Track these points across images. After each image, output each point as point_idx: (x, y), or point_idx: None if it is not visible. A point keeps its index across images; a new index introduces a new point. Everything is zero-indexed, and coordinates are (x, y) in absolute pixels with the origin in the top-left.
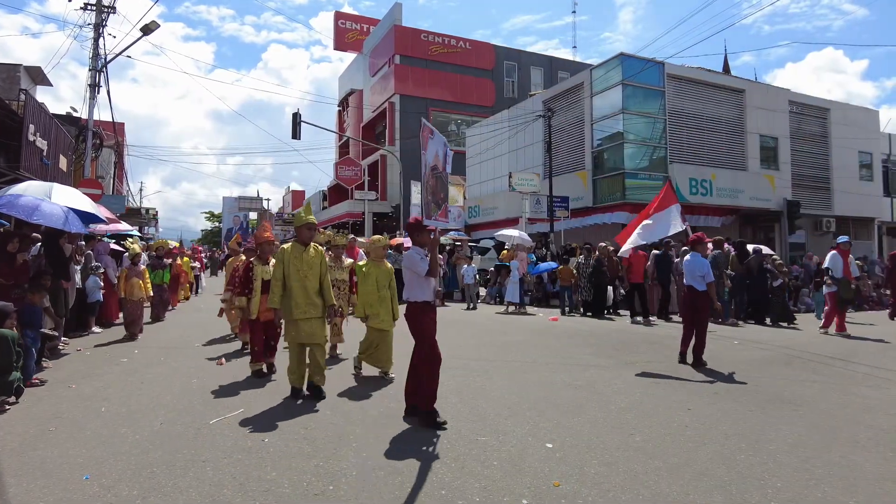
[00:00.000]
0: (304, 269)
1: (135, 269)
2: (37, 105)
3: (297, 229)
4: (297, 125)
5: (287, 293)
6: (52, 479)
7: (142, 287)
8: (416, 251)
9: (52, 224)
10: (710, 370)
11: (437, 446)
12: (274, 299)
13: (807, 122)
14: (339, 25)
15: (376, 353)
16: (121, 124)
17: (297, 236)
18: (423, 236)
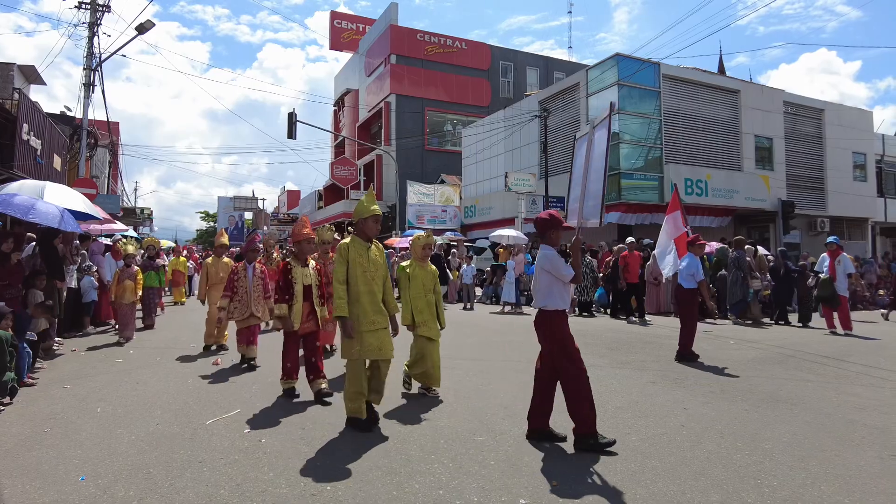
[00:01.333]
0: (370, 270)
1: (128, 271)
2: (31, 104)
3: (361, 222)
4: (293, 125)
5: (352, 300)
6: (47, 481)
7: (134, 290)
8: (554, 253)
9: (47, 223)
10: (706, 369)
11: (434, 446)
12: (341, 306)
13: (801, 123)
14: (334, 25)
15: (423, 367)
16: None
17: (359, 231)
18: (557, 235)
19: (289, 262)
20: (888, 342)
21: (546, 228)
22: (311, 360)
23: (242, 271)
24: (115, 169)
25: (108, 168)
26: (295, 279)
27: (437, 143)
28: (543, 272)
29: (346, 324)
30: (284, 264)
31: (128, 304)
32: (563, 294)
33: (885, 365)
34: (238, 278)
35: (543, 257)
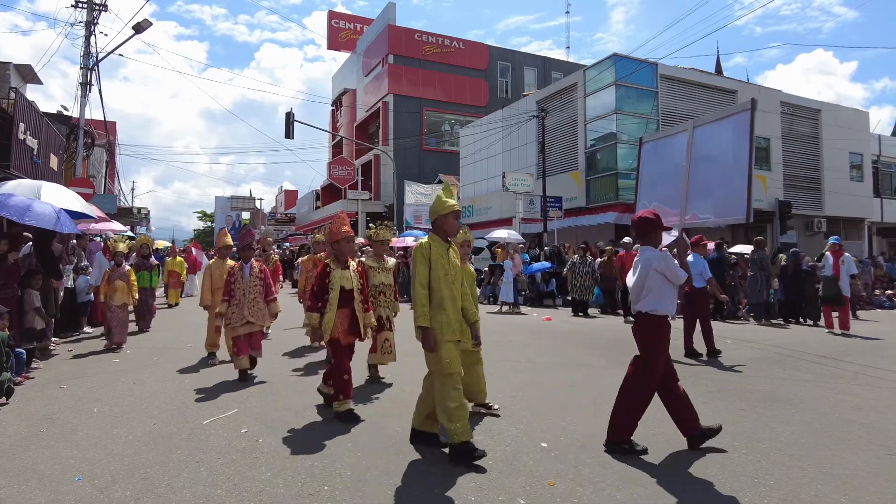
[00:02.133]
0: (451, 273)
1: (119, 271)
2: (27, 103)
3: (441, 219)
4: (291, 124)
5: (434, 306)
6: (43, 481)
7: (125, 291)
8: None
9: (44, 224)
10: (703, 369)
11: (431, 446)
12: (425, 314)
13: (798, 123)
14: (332, 25)
15: (467, 379)
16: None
17: (438, 229)
18: (659, 236)
19: (328, 263)
20: (886, 342)
21: (651, 229)
22: (342, 378)
23: (239, 272)
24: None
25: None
26: (332, 284)
27: (434, 143)
28: (656, 274)
29: (429, 335)
30: (323, 266)
31: (118, 307)
32: (673, 298)
33: (882, 365)
34: (234, 280)
35: (658, 258)
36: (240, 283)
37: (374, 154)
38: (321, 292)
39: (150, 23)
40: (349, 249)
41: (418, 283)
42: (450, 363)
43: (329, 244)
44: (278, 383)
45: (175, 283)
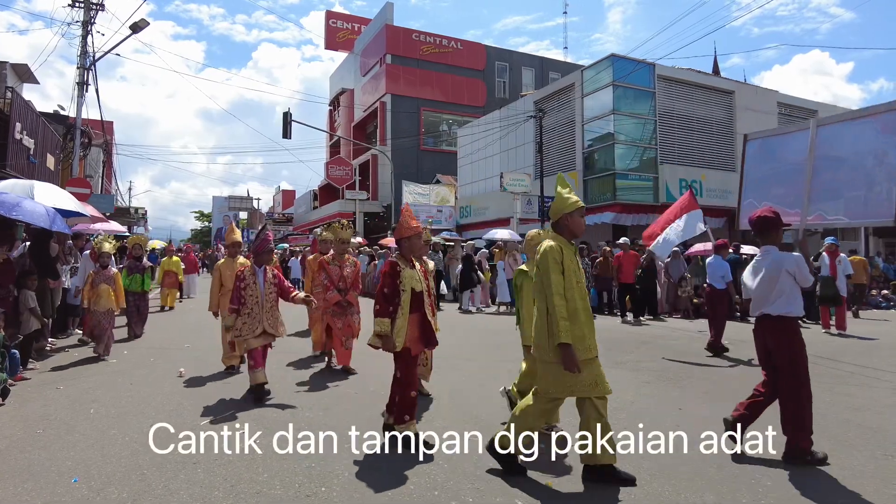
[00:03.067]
0: (581, 278)
1: (103, 274)
2: (23, 103)
3: (566, 218)
4: (288, 124)
5: (570, 317)
6: (40, 482)
7: (111, 295)
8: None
9: (33, 221)
10: (701, 370)
11: (430, 447)
12: (567, 328)
13: (795, 124)
14: (330, 25)
15: None
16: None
17: (563, 229)
18: (780, 235)
19: (397, 262)
20: (883, 342)
21: (772, 227)
22: (410, 395)
23: (251, 277)
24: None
25: (102, 168)
26: (403, 285)
27: (432, 144)
28: (786, 275)
29: (570, 352)
30: (392, 265)
31: (103, 313)
32: (801, 299)
33: (879, 365)
34: (246, 286)
35: (790, 260)
36: (252, 290)
37: (371, 154)
38: (392, 295)
39: (148, 22)
40: (419, 246)
41: (555, 292)
42: (574, 386)
43: (397, 241)
44: (275, 384)
45: (171, 284)
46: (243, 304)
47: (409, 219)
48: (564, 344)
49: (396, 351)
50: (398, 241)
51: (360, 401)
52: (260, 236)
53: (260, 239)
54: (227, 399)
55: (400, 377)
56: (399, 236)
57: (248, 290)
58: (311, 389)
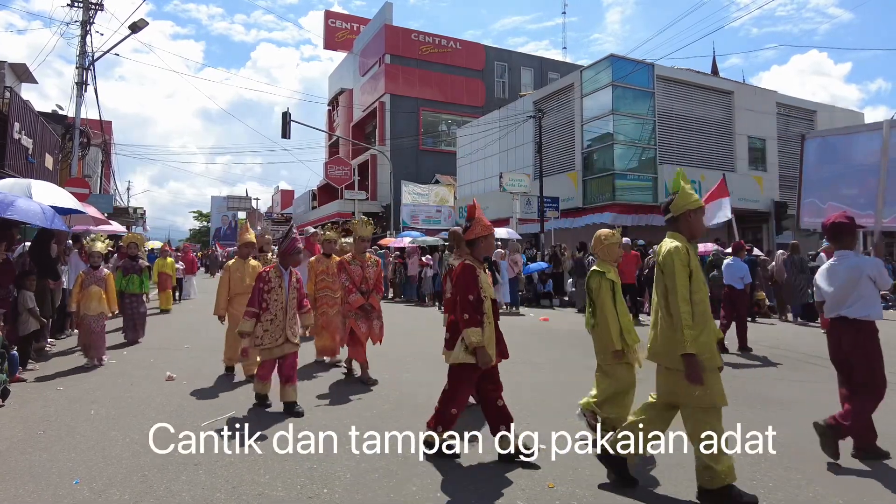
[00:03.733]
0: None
1: (94, 275)
2: (22, 103)
3: (690, 214)
4: (287, 124)
5: (696, 325)
6: (41, 484)
7: (102, 299)
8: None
9: (29, 221)
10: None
11: (431, 448)
12: (694, 336)
13: (794, 124)
14: (329, 24)
15: (622, 408)
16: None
17: (683, 228)
18: (853, 240)
19: (475, 266)
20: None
21: (847, 233)
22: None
23: (276, 279)
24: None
25: (100, 167)
26: (484, 291)
27: (431, 144)
28: (867, 280)
29: (695, 363)
30: (467, 267)
31: (93, 317)
32: (879, 303)
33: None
34: (270, 289)
35: (871, 264)
36: (277, 295)
37: (370, 154)
38: (479, 302)
39: (147, 22)
40: (488, 246)
41: (681, 297)
42: (721, 394)
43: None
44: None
45: (165, 287)
46: (265, 309)
47: (483, 216)
48: (689, 354)
49: (491, 364)
50: (472, 240)
51: (361, 401)
52: (288, 236)
53: (289, 239)
54: (228, 400)
55: (461, 387)
56: (474, 235)
57: (273, 293)
58: (310, 391)
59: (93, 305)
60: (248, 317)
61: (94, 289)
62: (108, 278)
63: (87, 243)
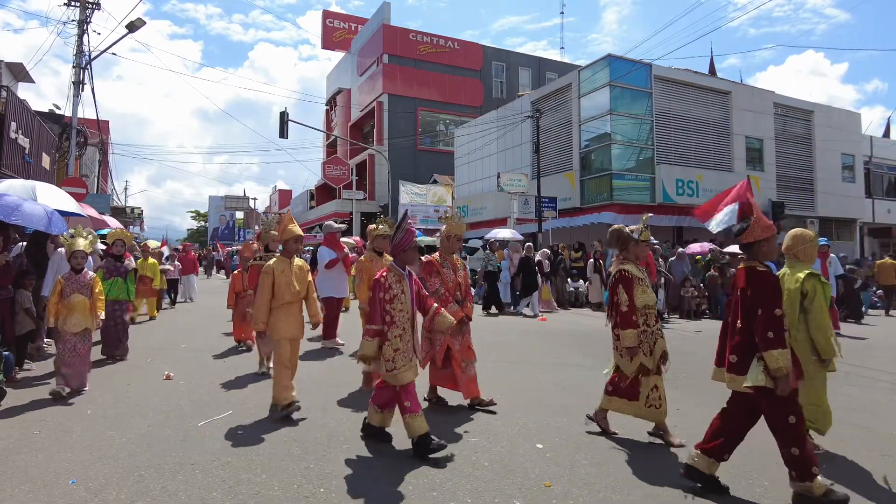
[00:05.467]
0: None
1: (77, 280)
2: (19, 102)
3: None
4: (285, 124)
5: None
6: (36, 484)
7: (87, 311)
8: None
9: (33, 225)
10: (698, 370)
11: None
12: None
13: (791, 124)
14: (327, 24)
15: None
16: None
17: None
18: None
19: (628, 270)
20: (876, 342)
21: None
22: None
23: (397, 284)
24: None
25: (97, 167)
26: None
27: (429, 143)
28: None
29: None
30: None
31: (77, 335)
32: None
33: (873, 365)
34: (393, 297)
35: None
36: (402, 304)
37: (368, 154)
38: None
39: (144, 21)
40: (775, 251)
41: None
42: None
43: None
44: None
45: (146, 293)
46: (391, 324)
47: (761, 213)
48: None
49: None
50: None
51: (359, 401)
52: (402, 227)
53: (403, 231)
54: (225, 400)
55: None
56: (753, 238)
57: (397, 302)
58: (310, 391)
59: (75, 320)
60: (370, 336)
61: (77, 298)
62: (94, 283)
63: (66, 240)
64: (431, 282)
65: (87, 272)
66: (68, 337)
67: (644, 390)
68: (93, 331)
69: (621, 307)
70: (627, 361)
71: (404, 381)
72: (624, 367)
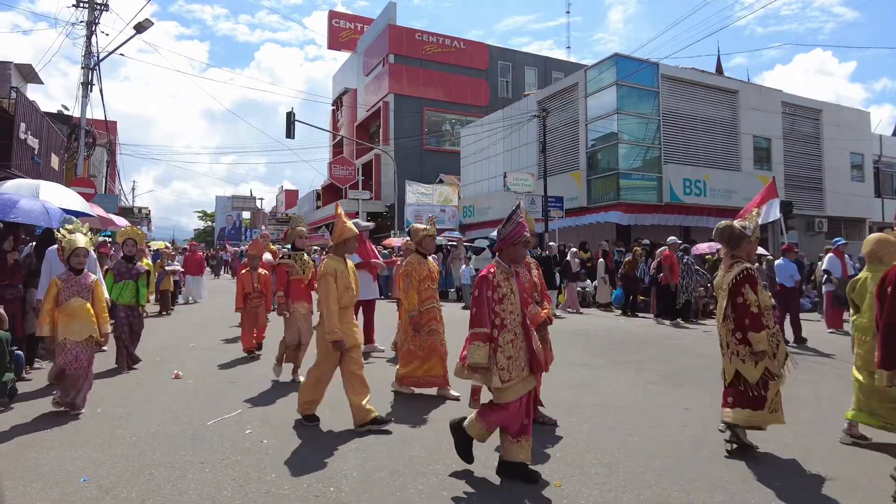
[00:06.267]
0: None
1: (77, 283)
2: (28, 103)
3: None
4: (291, 124)
5: None
6: (48, 482)
7: (90, 318)
8: None
9: (32, 221)
10: (707, 370)
11: (437, 447)
12: None
13: (799, 123)
14: (333, 24)
15: None
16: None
17: None
18: None
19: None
20: None
21: None
22: None
23: (506, 283)
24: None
25: (105, 167)
26: None
27: (435, 143)
28: None
29: None
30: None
31: (80, 344)
32: None
33: None
34: (503, 297)
35: None
36: (512, 305)
37: (374, 154)
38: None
39: (152, 22)
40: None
41: None
42: None
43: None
44: (281, 384)
45: None
46: (502, 327)
47: None
48: None
49: None
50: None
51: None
52: (513, 219)
53: (514, 223)
54: (234, 399)
55: None
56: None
57: (507, 302)
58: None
59: (77, 327)
60: (481, 340)
61: (78, 302)
62: (95, 286)
63: (63, 235)
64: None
65: (87, 273)
66: (69, 346)
67: (770, 395)
68: (103, 344)
69: (751, 308)
70: (752, 367)
71: (514, 396)
72: (748, 373)
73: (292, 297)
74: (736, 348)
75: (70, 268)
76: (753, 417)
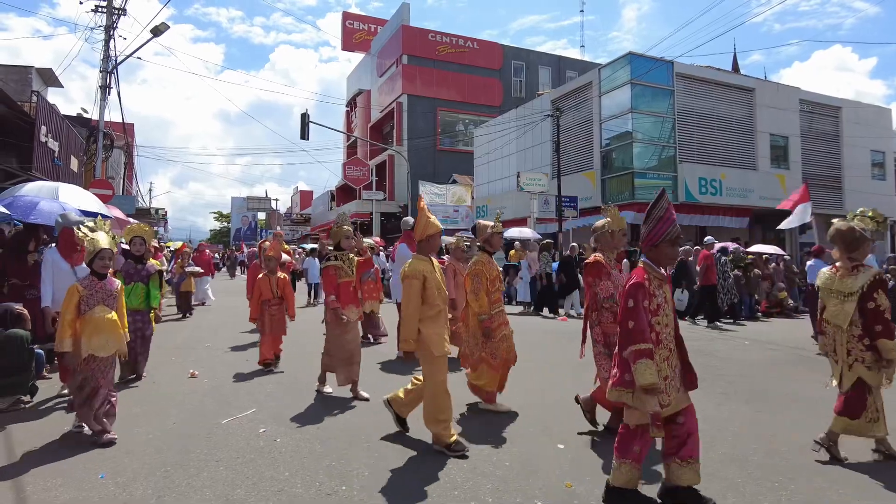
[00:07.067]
0: None
1: (101, 288)
2: (48, 106)
3: None
4: (306, 125)
5: None
6: (67, 479)
7: (117, 329)
8: None
9: (51, 223)
10: (720, 370)
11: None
12: None
13: (818, 121)
14: (346, 26)
15: None
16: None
17: None
18: None
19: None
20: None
21: None
22: None
23: (660, 291)
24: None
25: (123, 169)
26: None
27: (448, 143)
28: None
29: None
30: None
31: (106, 360)
32: None
33: None
34: (657, 307)
35: None
36: (667, 315)
37: (388, 154)
38: None
39: (168, 26)
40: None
41: None
42: None
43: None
44: (295, 383)
45: None
46: (657, 342)
47: None
48: None
49: None
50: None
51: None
52: (656, 214)
53: (656, 218)
54: (248, 398)
55: None
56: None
57: (662, 314)
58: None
59: (102, 340)
60: (646, 357)
61: (103, 312)
62: (120, 294)
63: (84, 234)
64: (603, 286)
65: (112, 279)
66: (94, 363)
67: (871, 404)
68: (123, 359)
69: (886, 314)
70: (876, 374)
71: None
72: (871, 380)
73: (343, 301)
74: (861, 355)
75: (93, 272)
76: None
